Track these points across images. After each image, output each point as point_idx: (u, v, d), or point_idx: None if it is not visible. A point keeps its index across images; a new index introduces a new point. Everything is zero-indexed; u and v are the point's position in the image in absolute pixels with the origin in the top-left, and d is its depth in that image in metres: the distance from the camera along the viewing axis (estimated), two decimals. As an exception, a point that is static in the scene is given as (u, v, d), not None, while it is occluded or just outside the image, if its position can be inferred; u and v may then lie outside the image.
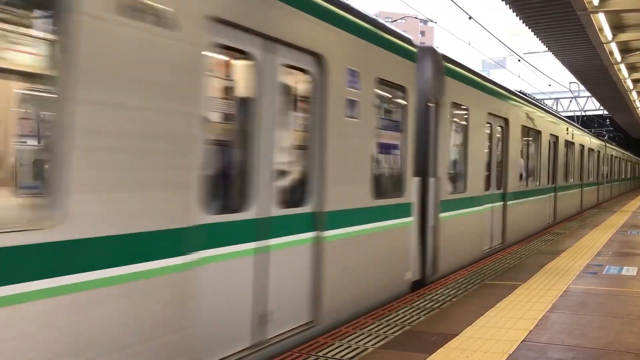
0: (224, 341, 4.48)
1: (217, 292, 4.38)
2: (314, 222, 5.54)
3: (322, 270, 5.59)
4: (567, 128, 18.61)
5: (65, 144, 3.15)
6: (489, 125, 10.83)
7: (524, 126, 13.04)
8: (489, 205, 10.84)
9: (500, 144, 11.63)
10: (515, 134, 12.30)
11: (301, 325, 5.40)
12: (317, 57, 5.51)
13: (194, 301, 4.07)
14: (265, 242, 4.89)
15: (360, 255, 6.33)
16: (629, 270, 8.89)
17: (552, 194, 16.67)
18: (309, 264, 5.50)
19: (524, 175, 13.67)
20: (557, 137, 16.77)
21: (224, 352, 4.47)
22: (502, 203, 11.66)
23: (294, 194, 5.42)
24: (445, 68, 8.66)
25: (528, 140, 14.05)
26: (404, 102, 7.36)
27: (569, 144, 18.79)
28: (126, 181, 3.54)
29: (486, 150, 10.73)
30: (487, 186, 10.76)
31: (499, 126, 11.51)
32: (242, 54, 4.69)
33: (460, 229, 9.34)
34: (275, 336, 5.05)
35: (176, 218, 3.90)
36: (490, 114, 10.73)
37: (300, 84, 5.56)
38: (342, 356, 4.82)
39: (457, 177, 9.54)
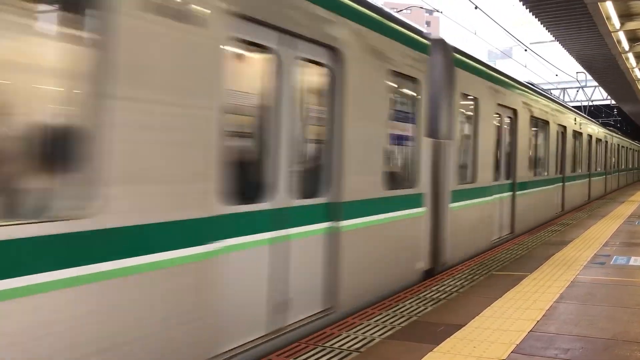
0: (245, 328, 4.63)
1: (240, 280, 4.54)
2: (331, 212, 5.67)
3: (340, 258, 5.73)
4: (575, 118, 18.60)
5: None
6: (498, 116, 10.87)
7: (532, 117, 13.08)
8: (498, 195, 10.89)
9: (509, 134, 11.67)
10: (523, 124, 12.34)
11: (320, 312, 5.55)
12: (334, 51, 5.59)
13: (221, 288, 4.25)
14: (285, 231, 5.03)
15: (375, 245, 6.43)
16: (637, 261, 8.85)
17: (560, 184, 16.70)
18: (327, 252, 5.65)
19: (533, 166, 13.67)
20: (565, 127, 16.80)
21: (247, 337, 4.65)
22: (511, 193, 11.71)
23: (313, 185, 5.54)
24: (454, 59, 8.68)
25: (536, 131, 14.08)
26: (417, 94, 7.44)
27: (576, 134, 18.82)
28: (172, 173, 3.81)
29: (495, 141, 10.78)
30: (496, 176, 10.80)
31: (508, 117, 11.55)
32: (263, 49, 4.83)
33: (470, 219, 9.36)
34: (295, 322, 5.21)
35: (205, 207, 4.07)
36: (499, 104, 10.76)
37: (319, 77, 5.63)
38: (349, 347, 4.82)
39: (467, 167, 9.56)
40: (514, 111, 11.74)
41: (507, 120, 11.49)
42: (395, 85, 6.96)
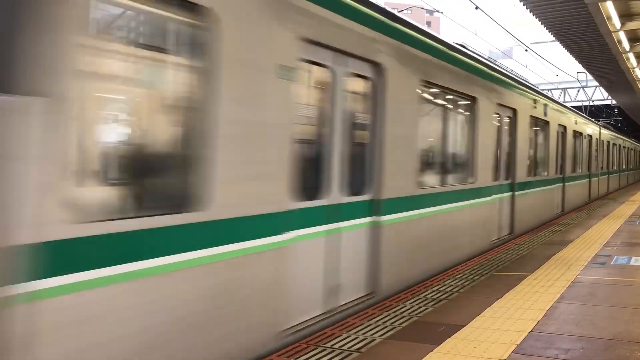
0: (307, 307, 5.44)
1: (305, 265, 5.33)
2: (374, 208, 6.42)
3: (380, 249, 6.47)
4: (575, 118, 18.60)
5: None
6: (497, 115, 10.93)
7: (532, 116, 13.14)
8: (497, 195, 10.93)
9: (508, 134, 11.73)
10: (523, 124, 12.41)
11: (364, 296, 6.31)
12: (377, 66, 6.35)
13: (292, 272, 5.11)
14: (337, 224, 5.78)
15: (407, 238, 7.25)
16: (638, 261, 8.85)
17: (561, 184, 16.75)
18: (370, 243, 6.41)
19: (532, 166, 13.65)
20: (565, 127, 16.84)
21: (308, 315, 5.45)
22: (510, 193, 11.76)
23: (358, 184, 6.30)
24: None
25: (536, 131, 14.09)
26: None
27: (577, 134, 18.83)
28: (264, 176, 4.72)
29: (495, 141, 10.83)
30: (496, 177, 10.83)
31: (508, 117, 11.61)
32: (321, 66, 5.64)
33: (470, 219, 9.46)
34: (345, 303, 5.96)
35: (281, 203, 4.88)
36: (499, 104, 10.83)
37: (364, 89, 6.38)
38: (350, 347, 4.82)
39: (466, 168, 9.61)
40: (514, 111, 11.79)
41: (506, 120, 11.54)
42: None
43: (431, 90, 8.10)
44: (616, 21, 15.21)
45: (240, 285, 4.47)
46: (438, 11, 22.91)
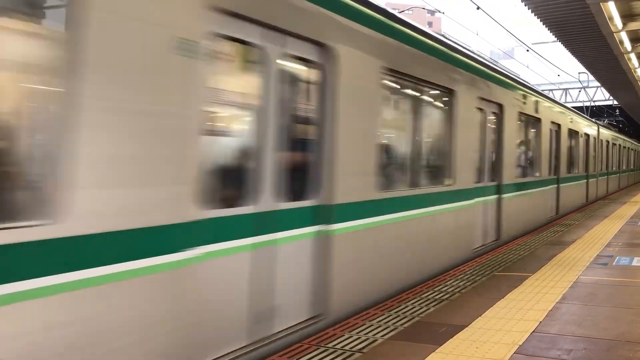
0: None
1: (220, 288, 4.48)
2: (322, 215, 5.86)
3: (331, 263, 5.72)
4: (571, 116, 17.69)
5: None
6: (479, 110, 9.95)
7: (521, 113, 12.16)
8: (481, 198, 9.97)
9: (494, 131, 10.82)
10: (511, 121, 11.46)
11: (310, 319, 5.65)
12: (326, 49, 5.57)
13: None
14: (270, 236, 4.98)
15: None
16: (640, 261, 8.84)
17: (555, 185, 15.76)
18: (316, 257, 5.73)
19: (523, 166, 12.85)
20: (559, 125, 15.81)
21: (230, 346, 4.62)
22: (496, 196, 10.82)
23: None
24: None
25: (527, 129, 13.20)
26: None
27: (572, 133, 17.82)
28: None
29: (478, 139, 9.97)
30: (479, 178, 9.93)
31: (492, 112, 10.68)
32: None
33: (447, 226, 8.56)
34: (282, 330, 5.22)
35: (181, 212, 4.02)
36: (482, 98, 9.91)
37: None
38: (352, 347, 4.82)
39: (443, 168, 8.76)
40: (500, 106, 10.93)
41: (491, 116, 10.69)
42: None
43: (398, 80, 7.24)
44: (618, 22, 15.20)
45: (111, 323, 3.44)
46: (439, 11, 22.89)
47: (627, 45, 17.69)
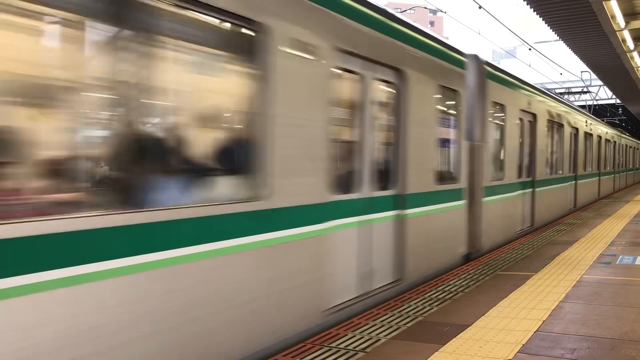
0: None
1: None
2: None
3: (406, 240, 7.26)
4: (586, 121, 19.74)
5: None
6: (520, 120, 12.02)
7: (549, 120, 14.32)
8: (521, 191, 12.12)
9: (529, 136, 12.82)
10: (542, 127, 13.57)
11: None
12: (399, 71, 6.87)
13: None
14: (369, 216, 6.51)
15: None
16: (643, 260, 8.83)
17: (573, 182, 17.81)
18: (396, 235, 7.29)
19: (549, 165, 14.82)
20: (577, 129, 17.94)
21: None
22: (531, 189, 12.91)
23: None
24: (486, 72, 9.87)
25: (552, 133, 15.09)
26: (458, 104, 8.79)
27: (587, 136, 19.98)
28: None
29: (519, 143, 11.99)
30: (520, 174, 12.02)
31: (529, 121, 12.71)
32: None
33: (499, 212, 10.59)
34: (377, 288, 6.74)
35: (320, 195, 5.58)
36: (522, 110, 11.97)
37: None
38: (355, 347, 4.82)
39: (498, 166, 10.72)
40: (534, 115, 12.96)
41: (528, 124, 12.66)
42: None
43: (454, 96, 8.55)
44: (620, 20, 15.16)
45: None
46: (441, 11, 22.87)
47: (630, 43, 17.65)
